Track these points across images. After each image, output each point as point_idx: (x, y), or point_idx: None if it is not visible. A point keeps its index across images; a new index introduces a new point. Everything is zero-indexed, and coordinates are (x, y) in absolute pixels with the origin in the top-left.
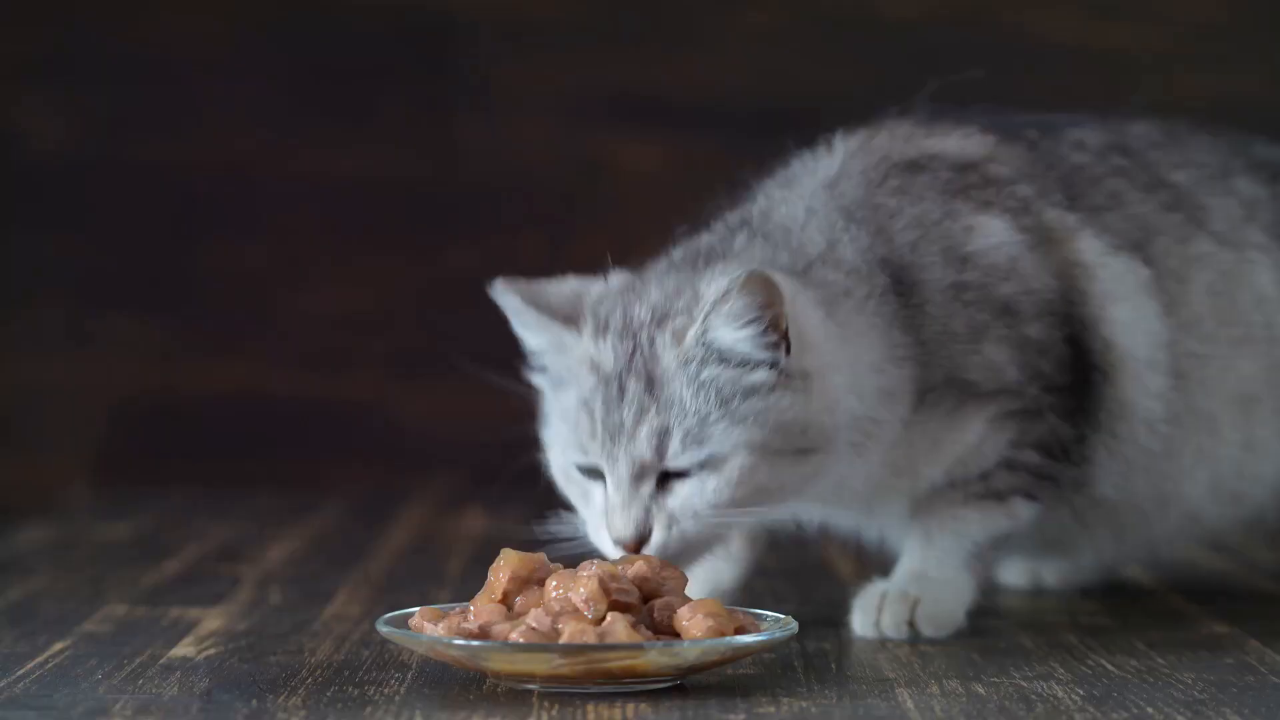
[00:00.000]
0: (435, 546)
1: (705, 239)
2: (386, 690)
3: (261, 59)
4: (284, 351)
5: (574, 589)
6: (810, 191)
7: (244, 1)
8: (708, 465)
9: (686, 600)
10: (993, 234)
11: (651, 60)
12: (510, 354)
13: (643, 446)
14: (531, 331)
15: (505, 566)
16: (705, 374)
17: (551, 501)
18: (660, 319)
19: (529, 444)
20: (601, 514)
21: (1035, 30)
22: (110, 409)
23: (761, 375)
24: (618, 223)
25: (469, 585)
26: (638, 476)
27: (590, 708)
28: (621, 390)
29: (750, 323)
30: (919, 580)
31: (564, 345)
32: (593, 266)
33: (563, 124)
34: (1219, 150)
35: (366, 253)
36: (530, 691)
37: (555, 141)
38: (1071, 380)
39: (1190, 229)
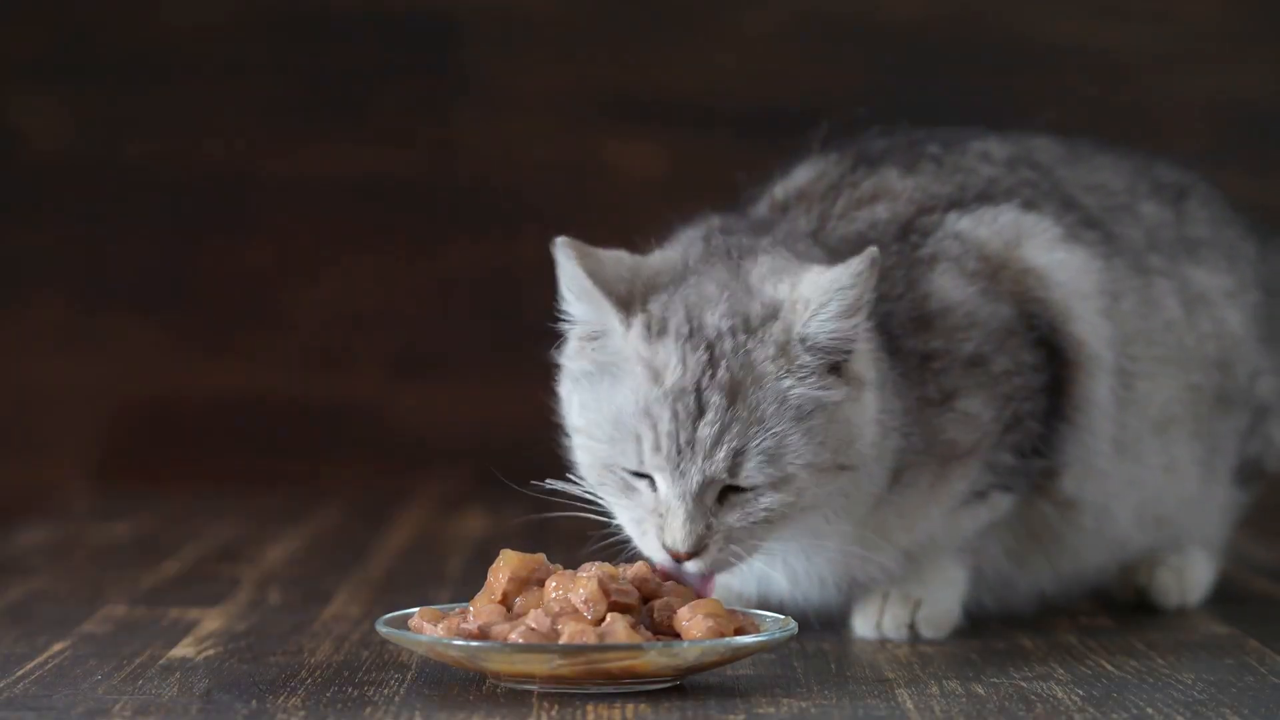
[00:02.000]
0: (435, 546)
1: (733, 238)
2: (386, 690)
3: (261, 59)
4: (284, 351)
5: (573, 590)
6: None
7: (244, 1)
8: (769, 482)
9: (686, 601)
10: (947, 295)
11: (651, 60)
12: (504, 351)
13: (719, 466)
14: (580, 300)
15: (504, 567)
16: (793, 389)
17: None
18: (747, 327)
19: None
20: (651, 513)
21: (1035, 30)
22: (110, 409)
23: (837, 393)
24: (618, 223)
25: (469, 586)
26: (703, 490)
27: (590, 708)
28: (701, 406)
29: (860, 309)
30: (920, 582)
31: (610, 328)
32: None
33: (563, 124)
34: (1123, 172)
35: (366, 252)
36: (530, 692)
37: (555, 141)
38: (1046, 380)
39: (1110, 249)
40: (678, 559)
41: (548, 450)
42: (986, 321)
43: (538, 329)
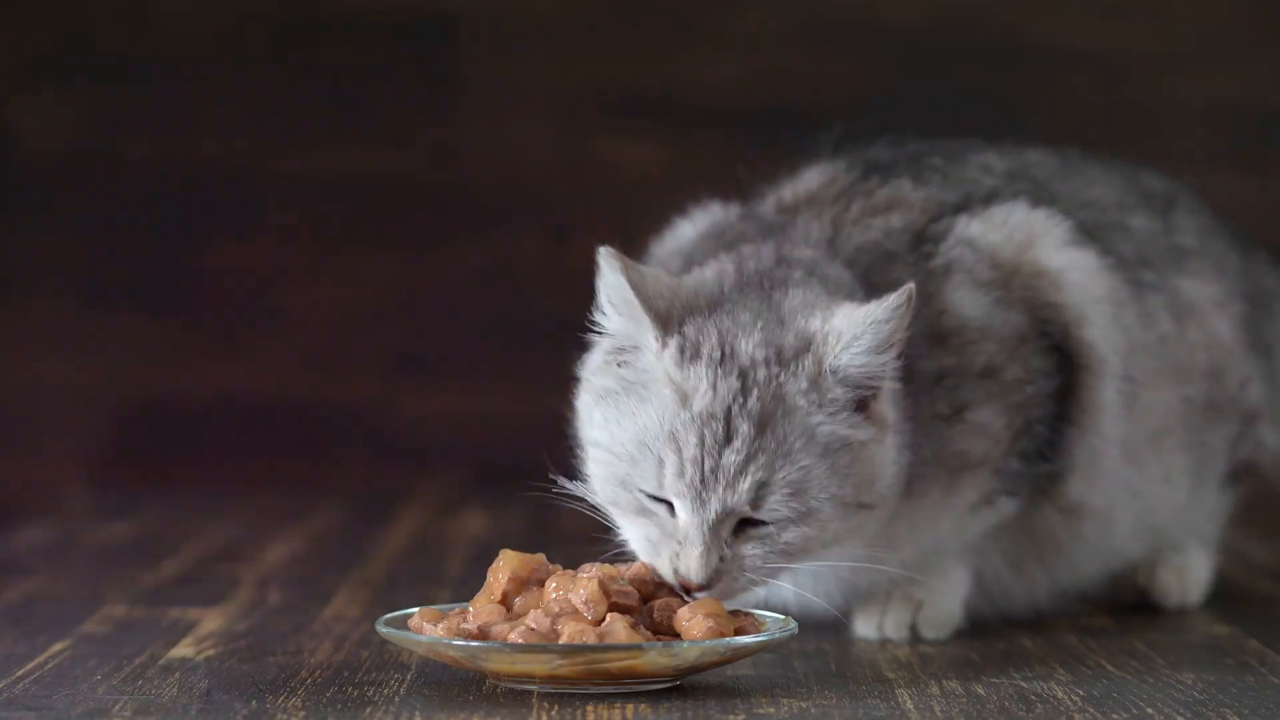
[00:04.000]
0: (435, 546)
1: (753, 261)
2: (386, 690)
3: (261, 59)
4: (284, 351)
5: (574, 590)
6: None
7: (244, 1)
8: (789, 517)
9: (686, 601)
10: (961, 310)
11: (651, 60)
12: (504, 351)
13: (742, 498)
14: (619, 313)
15: (504, 567)
16: (823, 425)
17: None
18: (780, 359)
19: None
20: (666, 539)
21: (1035, 30)
22: (110, 409)
23: (864, 433)
24: (618, 223)
25: (468, 586)
26: (720, 521)
27: (590, 708)
28: (729, 433)
29: (893, 346)
30: (922, 583)
31: (645, 344)
32: (592, 267)
33: (563, 124)
34: (1113, 185)
35: (366, 252)
36: (530, 692)
37: (555, 141)
38: (1056, 385)
39: (1111, 261)
40: (688, 589)
41: (551, 455)
42: (999, 331)
43: (539, 329)
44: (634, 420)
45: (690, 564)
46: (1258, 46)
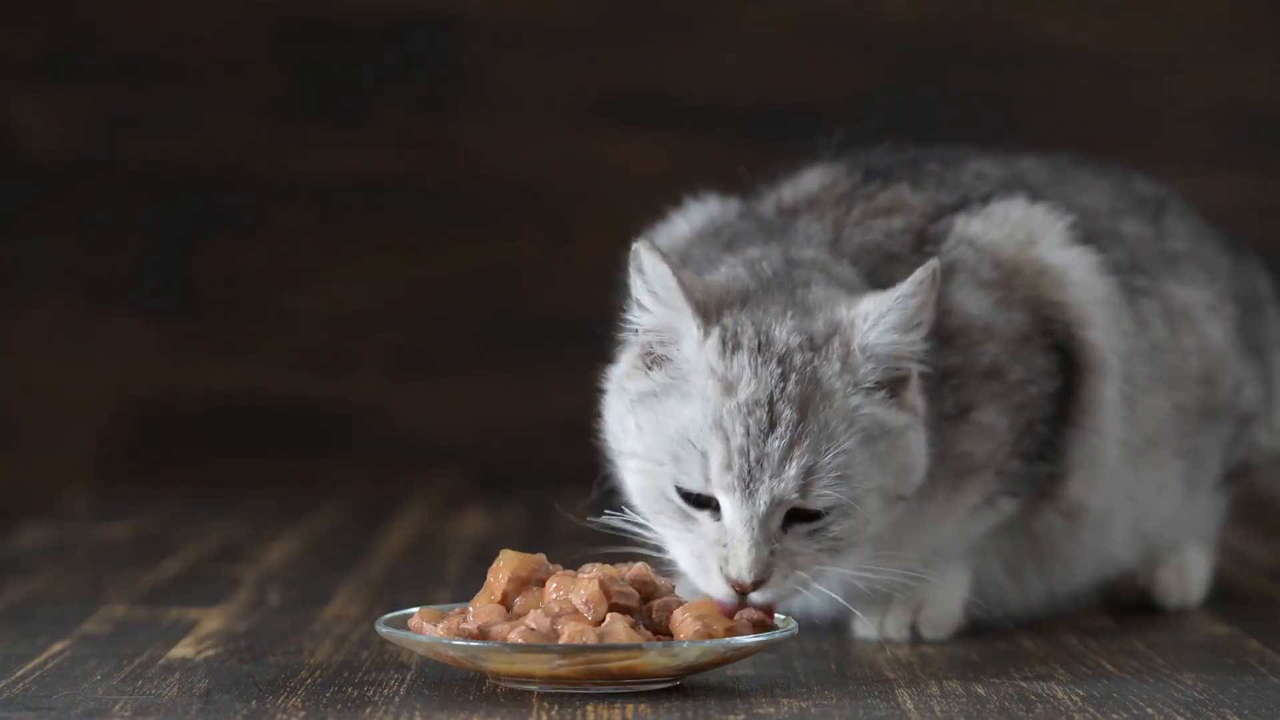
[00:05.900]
0: (435, 546)
1: (766, 264)
2: (386, 690)
3: (261, 59)
4: (284, 351)
5: (574, 590)
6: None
7: (244, 1)
8: (838, 506)
9: (685, 601)
10: (964, 310)
11: (651, 60)
12: (504, 351)
13: (790, 485)
14: (660, 303)
15: (504, 567)
16: (861, 408)
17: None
18: (812, 345)
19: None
20: (713, 545)
21: (1035, 30)
22: (110, 409)
23: (902, 418)
24: (618, 223)
25: (468, 586)
26: (769, 514)
27: (590, 708)
28: (773, 420)
29: (920, 324)
30: (923, 583)
31: (686, 334)
32: (592, 267)
33: (563, 124)
34: (1105, 191)
35: (366, 252)
36: (530, 692)
37: (555, 141)
38: (1058, 386)
39: (1106, 264)
40: (742, 590)
41: (551, 456)
42: (1002, 330)
43: (539, 329)
44: (676, 418)
45: (740, 562)
46: (1258, 46)
